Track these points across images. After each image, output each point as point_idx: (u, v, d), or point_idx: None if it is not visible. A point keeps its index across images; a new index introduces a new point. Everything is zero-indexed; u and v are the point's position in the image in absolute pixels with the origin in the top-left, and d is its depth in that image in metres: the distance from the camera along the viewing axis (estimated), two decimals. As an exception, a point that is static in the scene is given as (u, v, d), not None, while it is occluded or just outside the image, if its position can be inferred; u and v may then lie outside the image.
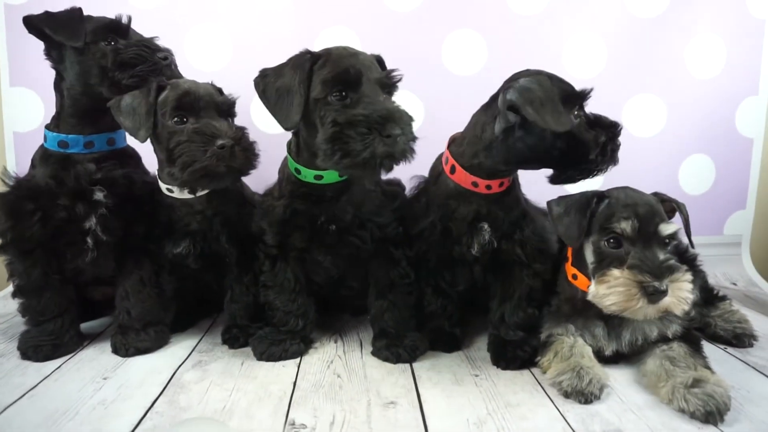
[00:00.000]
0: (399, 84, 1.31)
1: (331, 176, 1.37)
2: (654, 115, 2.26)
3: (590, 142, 1.30)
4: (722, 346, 1.52)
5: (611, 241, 1.25)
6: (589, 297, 1.26)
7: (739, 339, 1.53)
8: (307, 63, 1.29)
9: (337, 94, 1.24)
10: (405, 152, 1.21)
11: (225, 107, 1.45)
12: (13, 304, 1.57)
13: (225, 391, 1.27)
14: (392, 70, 1.30)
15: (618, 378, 1.33)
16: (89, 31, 1.41)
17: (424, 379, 1.34)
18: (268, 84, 1.31)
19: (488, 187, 1.39)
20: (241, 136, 1.38)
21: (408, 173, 1.58)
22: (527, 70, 1.33)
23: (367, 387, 1.29)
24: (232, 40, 2.14)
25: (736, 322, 1.57)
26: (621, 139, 1.37)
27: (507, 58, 2.17)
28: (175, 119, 1.39)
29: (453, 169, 1.41)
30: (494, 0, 2.15)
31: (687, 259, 1.64)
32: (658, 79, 2.23)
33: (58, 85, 1.47)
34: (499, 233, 1.42)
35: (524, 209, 1.48)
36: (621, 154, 2.26)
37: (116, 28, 1.44)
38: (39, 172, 1.43)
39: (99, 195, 1.42)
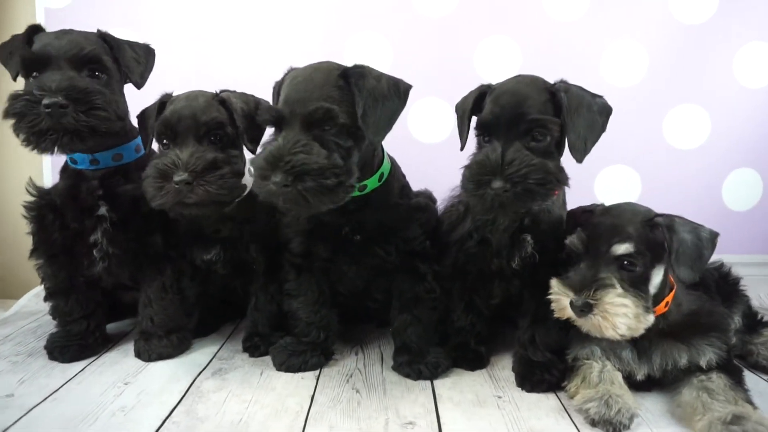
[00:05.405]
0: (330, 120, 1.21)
1: None
2: (697, 126, 2.16)
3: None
4: (766, 377, 1.43)
5: (572, 255, 1.28)
6: None
7: (784, 370, 1.44)
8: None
9: (275, 129, 1.26)
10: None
11: (204, 130, 1.35)
12: (43, 304, 1.60)
13: (243, 402, 1.27)
14: (320, 108, 1.20)
15: (650, 407, 1.26)
16: (19, 64, 1.35)
17: (445, 399, 1.30)
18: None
19: None
20: (202, 170, 1.28)
21: (447, 184, 1.53)
22: None
23: (386, 405, 1.26)
24: (262, 45, 2.14)
25: (781, 350, 1.47)
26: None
27: (542, 66, 2.07)
28: (164, 142, 1.37)
29: None
30: (531, 6, 2.10)
31: (729, 282, 1.57)
32: (703, 88, 2.13)
33: None
34: (540, 246, 1.37)
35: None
36: (661, 166, 2.19)
37: (34, 61, 1.33)
38: (59, 185, 1.47)
39: (102, 210, 1.43)
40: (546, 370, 1.36)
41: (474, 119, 1.35)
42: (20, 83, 1.39)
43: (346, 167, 1.21)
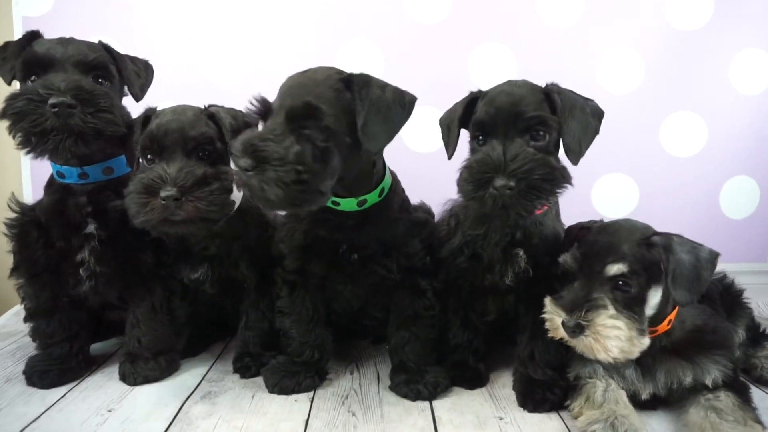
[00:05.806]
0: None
1: (348, 204, 1.30)
2: (694, 133, 2.15)
3: None
4: (771, 392, 1.40)
5: (566, 274, 1.23)
6: None
7: (790, 384, 1.41)
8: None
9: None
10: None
11: (193, 145, 1.29)
12: (23, 324, 1.53)
13: (233, 429, 1.21)
14: (305, 103, 1.13)
15: (656, 427, 1.22)
16: (18, 67, 1.30)
17: (445, 421, 1.25)
18: None
19: None
20: (191, 185, 1.23)
21: (440, 193, 1.50)
22: None
23: (384, 429, 1.21)
24: (256, 52, 2.09)
25: (786, 364, 1.44)
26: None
27: (538, 73, 2.05)
28: (148, 157, 1.31)
29: None
30: (525, 13, 2.08)
31: (732, 294, 1.54)
32: (699, 95, 2.12)
33: None
34: (533, 261, 1.33)
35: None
36: (658, 174, 2.17)
37: (37, 63, 1.29)
38: (44, 200, 1.40)
39: (91, 227, 1.36)
40: (548, 388, 1.32)
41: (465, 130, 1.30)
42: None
43: (316, 169, 1.12)
